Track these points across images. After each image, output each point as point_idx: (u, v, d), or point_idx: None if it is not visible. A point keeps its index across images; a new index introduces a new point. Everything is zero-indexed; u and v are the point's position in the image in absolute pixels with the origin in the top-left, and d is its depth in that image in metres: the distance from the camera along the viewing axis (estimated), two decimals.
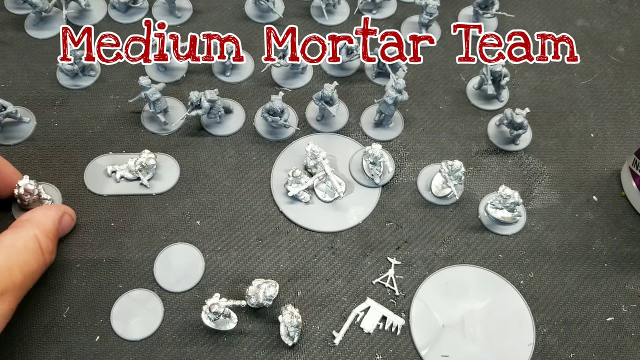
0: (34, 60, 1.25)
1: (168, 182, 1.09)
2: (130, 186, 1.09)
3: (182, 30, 1.29)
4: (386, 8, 1.35)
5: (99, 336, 0.95)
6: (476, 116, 1.20)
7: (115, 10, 1.32)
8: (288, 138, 1.16)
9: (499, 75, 1.17)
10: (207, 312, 0.91)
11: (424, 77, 1.25)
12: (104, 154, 1.12)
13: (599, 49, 1.31)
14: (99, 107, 1.19)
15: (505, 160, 1.15)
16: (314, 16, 1.33)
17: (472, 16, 1.33)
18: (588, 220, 1.08)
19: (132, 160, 1.08)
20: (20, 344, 0.94)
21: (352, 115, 1.19)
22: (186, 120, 1.16)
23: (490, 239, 1.06)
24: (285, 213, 1.07)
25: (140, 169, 1.07)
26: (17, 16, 1.32)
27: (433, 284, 1.01)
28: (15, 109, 1.11)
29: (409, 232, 1.06)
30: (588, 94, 1.24)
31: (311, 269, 1.02)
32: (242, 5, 1.34)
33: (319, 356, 0.94)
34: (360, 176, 1.11)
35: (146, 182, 1.08)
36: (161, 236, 1.04)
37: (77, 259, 1.01)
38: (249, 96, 1.21)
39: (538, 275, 1.02)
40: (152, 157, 1.07)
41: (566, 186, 1.12)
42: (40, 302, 0.97)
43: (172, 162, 1.12)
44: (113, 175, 1.09)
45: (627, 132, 1.19)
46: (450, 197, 1.09)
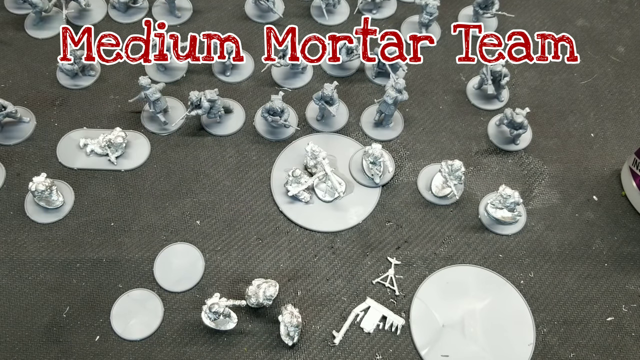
0: (34, 60, 1.25)
1: (137, 159, 1.11)
2: (100, 161, 1.10)
3: (182, 30, 1.29)
4: (386, 8, 1.35)
5: (99, 336, 0.95)
6: (476, 116, 1.20)
7: (115, 10, 1.32)
8: (288, 138, 1.16)
9: (499, 75, 1.17)
10: (207, 312, 0.91)
11: (424, 77, 1.25)
12: (79, 128, 1.14)
13: (599, 49, 1.31)
14: (99, 107, 1.19)
15: (505, 160, 1.15)
16: (314, 16, 1.33)
17: (472, 16, 1.33)
18: (588, 220, 1.08)
19: (103, 135, 1.10)
20: (20, 344, 0.94)
21: (352, 115, 1.19)
22: (186, 120, 1.16)
23: (490, 239, 1.06)
24: (285, 213, 1.07)
25: (108, 145, 1.08)
26: (17, 16, 1.32)
27: (433, 284, 1.01)
28: (15, 109, 1.11)
29: (409, 232, 1.06)
30: (588, 94, 1.24)
31: (311, 268, 1.02)
32: (242, 5, 1.34)
33: (319, 356, 0.94)
34: (360, 176, 1.11)
35: (113, 159, 1.09)
36: (161, 236, 1.04)
37: (77, 259, 1.01)
38: (249, 96, 1.21)
39: (538, 275, 1.02)
40: (122, 135, 1.08)
41: (566, 186, 1.12)
42: (40, 302, 0.97)
43: (143, 140, 1.13)
44: (85, 148, 1.11)
45: (627, 132, 1.19)
46: (450, 197, 1.09)
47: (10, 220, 1.05)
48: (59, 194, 1.04)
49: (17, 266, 1.00)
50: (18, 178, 1.09)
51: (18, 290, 0.98)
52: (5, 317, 0.96)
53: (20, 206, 1.06)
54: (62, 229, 1.04)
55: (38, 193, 1.00)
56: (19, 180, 1.09)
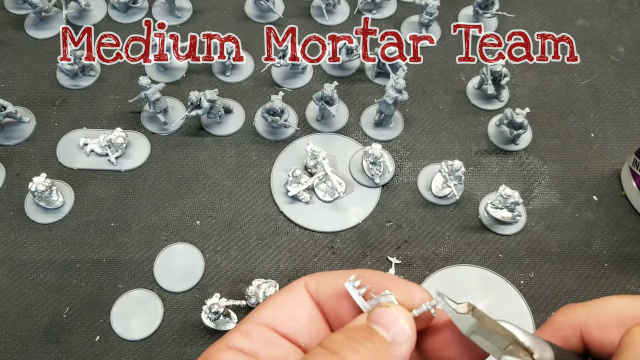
0: (34, 60, 1.25)
1: (137, 160, 1.11)
2: (100, 161, 1.10)
3: (182, 30, 1.29)
4: (386, 8, 1.35)
5: (99, 336, 0.95)
6: (476, 116, 1.20)
7: (115, 10, 1.32)
8: (288, 138, 1.16)
9: (499, 75, 1.16)
10: (207, 312, 0.91)
11: (424, 77, 1.25)
12: (79, 128, 1.14)
13: (599, 49, 1.31)
14: (99, 107, 1.19)
15: (505, 160, 1.15)
16: (314, 16, 1.33)
17: (472, 16, 1.32)
18: (588, 220, 1.08)
19: (104, 135, 1.10)
20: (21, 344, 0.94)
21: (352, 115, 1.19)
22: (186, 120, 1.16)
23: (490, 239, 1.06)
24: (285, 213, 1.07)
25: (108, 145, 1.08)
26: (17, 16, 1.32)
27: (433, 284, 1.01)
28: (15, 109, 1.11)
29: (409, 232, 1.06)
30: (588, 94, 1.24)
31: (311, 269, 1.02)
32: (242, 5, 1.34)
33: None
34: (360, 176, 1.11)
35: (113, 160, 1.09)
36: (161, 236, 1.04)
37: (77, 259, 1.01)
38: (249, 96, 1.21)
39: (538, 275, 1.02)
40: (122, 135, 1.08)
41: (566, 186, 1.12)
42: (40, 302, 0.97)
43: (143, 140, 1.14)
44: (84, 148, 1.11)
45: (627, 132, 1.19)
46: (450, 197, 1.09)
47: (10, 220, 1.05)
48: (59, 194, 1.04)
49: (17, 266, 1.00)
50: (18, 178, 1.09)
51: (18, 290, 0.98)
52: (5, 317, 0.96)
53: (20, 206, 1.06)
54: (62, 229, 1.04)
55: (38, 193, 1.00)
56: (19, 180, 1.09)
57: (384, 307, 0.41)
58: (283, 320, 0.43)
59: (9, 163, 1.11)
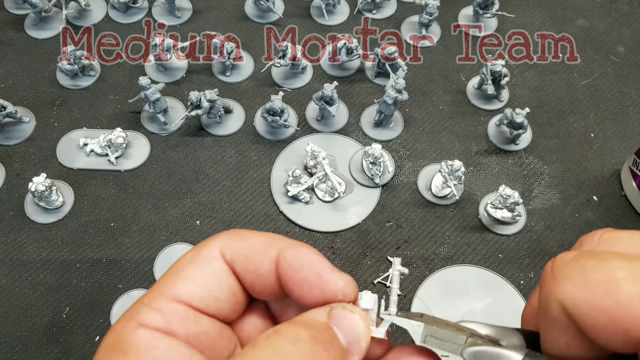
0: (33, 60, 1.25)
1: (137, 160, 1.12)
2: (100, 161, 1.11)
3: (182, 30, 1.29)
4: (386, 8, 1.35)
5: (99, 336, 0.95)
6: (476, 116, 1.20)
7: (115, 10, 1.32)
8: (288, 138, 1.16)
9: (499, 75, 1.16)
10: None
11: (424, 77, 1.25)
12: (78, 128, 1.15)
13: (599, 49, 1.31)
14: (98, 107, 1.19)
15: (505, 160, 1.15)
16: (314, 16, 1.33)
17: (472, 16, 1.32)
18: (588, 220, 1.08)
19: (103, 135, 1.10)
20: (20, 344, 0.94)
21: (352, 115, 1.19)
22: (186, 120, 1.16)
23: (490, 239, 1.06)
24: (285, 213, 1.07)
25: (108, 145, 1.08)
26: (17, 16, 1.32)
27: (433, 284, 1.01)
28: (15, 109, 1.11)
29: (409, 232, 1.06)
30: (588, 94, 1.24)
31: None
32: (242, 5, 1.34)
33: None
34: (360, 176, 1.11)
35: (113, 160, 1.09)
36: (161, 236, 1.04)
37: (77, 259, 1.01)
38: (249, 96, 1.21)
39: (538, 275, 1.02)
40: (122, 135, 1.08)
41: (566, 186, 1.12)
42: (40, 302, 0.97)
43: (143, 140, 1.14)
44: (84, 148, 1.11)
45: (627, 132, 1.19)
46: (450, 197, 1.09)
47: (10, 220, 1.05)
48: (58, 194, 1.04)
49: (17, 266, 1.00)
50: (18, 178, 1.09)
51: (18, 290, 0.98)
52: (5, 317, 0.96)
53: (20, 206, 1.06)
54: (62, 229, 1.04)
55: (38, 193, 1.00)
56: (19, 180, 1.09)
57: (348, 311, 0.40)
58: (200, 296, 0.39)
59: (9, 163, 1.11)
